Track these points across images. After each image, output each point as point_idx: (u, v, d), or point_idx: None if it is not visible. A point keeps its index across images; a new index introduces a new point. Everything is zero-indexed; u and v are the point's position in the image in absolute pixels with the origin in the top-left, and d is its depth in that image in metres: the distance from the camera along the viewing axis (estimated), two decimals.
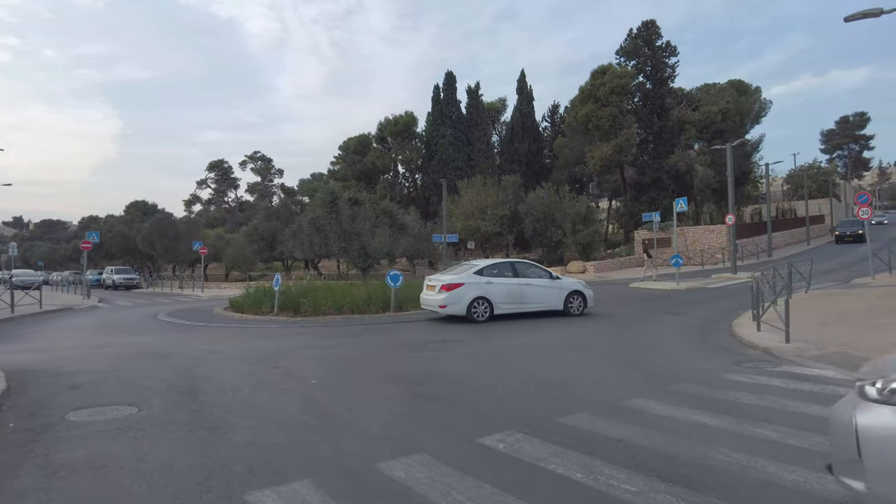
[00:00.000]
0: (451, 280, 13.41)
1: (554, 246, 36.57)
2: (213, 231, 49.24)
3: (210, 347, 10.33)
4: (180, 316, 17.21)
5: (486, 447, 4.51)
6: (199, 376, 7.55)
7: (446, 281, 13.42)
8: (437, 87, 51.16)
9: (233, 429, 5.03)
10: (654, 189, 43.61)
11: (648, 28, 43.79)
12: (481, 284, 13.31)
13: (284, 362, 8.59)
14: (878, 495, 2.67)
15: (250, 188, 73.32)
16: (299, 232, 39.30)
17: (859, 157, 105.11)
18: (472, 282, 13.29)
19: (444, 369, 7.86)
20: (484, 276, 13.49)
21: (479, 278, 13.41)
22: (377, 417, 5.40)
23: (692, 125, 43.03)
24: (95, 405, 5.96)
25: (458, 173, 46.30)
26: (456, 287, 13.17)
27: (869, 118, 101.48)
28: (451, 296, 13.10)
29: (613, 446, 4.50)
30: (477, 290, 13.22)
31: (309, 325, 14.12)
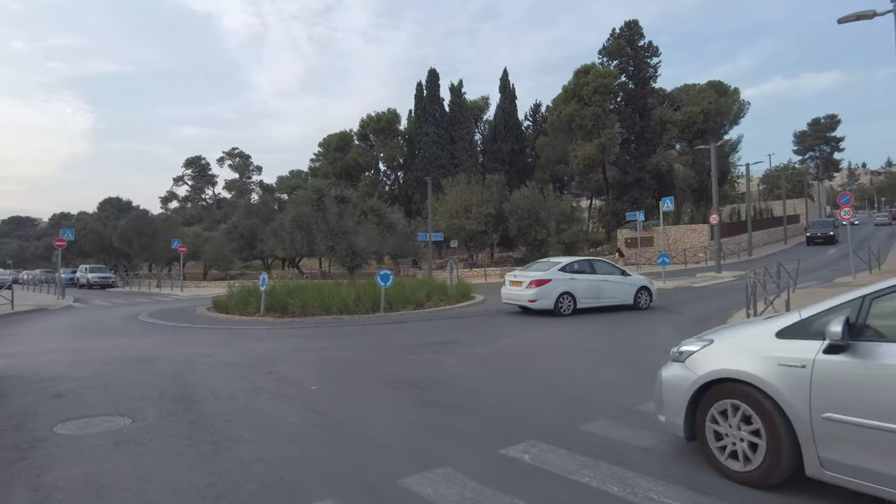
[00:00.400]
0: (539, 276, 13.98)
1: (538, 245, 36.56)
2: (191, 229, 48.10)
3: (198, 351, 9.92)
4: (162, 317, 16.64)
5: (512, 459, 4.30)
6: (191, 383, 7.19)
7: (535, 277, 13.99)
8: (419, 85, 50.81)
9: (237, 442, 4.72)
10: (637, 188, 43.96)
11: (631, 28, 44.09)
12: (566, 280, 13.93)
13: (279, 366, 8.26)
14: (668, 422, 4.33)
15: (228, 185, 72.05)
16: (280, 230, 38.60)
17: (830, 158, 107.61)
18: (558, 278, 13.93)
19: (447, 373, 7.63)
20: (567, 273, 14.13)
21: (564, 275, 14.06)
22: (389, 427, 5.14)
23: (674, 125, 43.50)
24: (85, 416, 5.58)
25: (441, 171, 46.03)
26: (545, 283, 13.78)
27: (839, 120, 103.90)
28: (541, 291, 13.72)
29: (642, 455, 4.33)
30: (563, 285, 13.85)
31: (298, 326, 13.75)
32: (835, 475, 3.38)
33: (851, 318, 3.47)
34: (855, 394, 3.30)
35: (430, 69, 51.05)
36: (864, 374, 3.29)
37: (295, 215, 37.96)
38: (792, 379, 3.57)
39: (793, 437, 3.55)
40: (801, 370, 3.53)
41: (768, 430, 3.64)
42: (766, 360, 3.74)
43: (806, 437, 3.48)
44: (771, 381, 3.64)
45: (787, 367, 3.61)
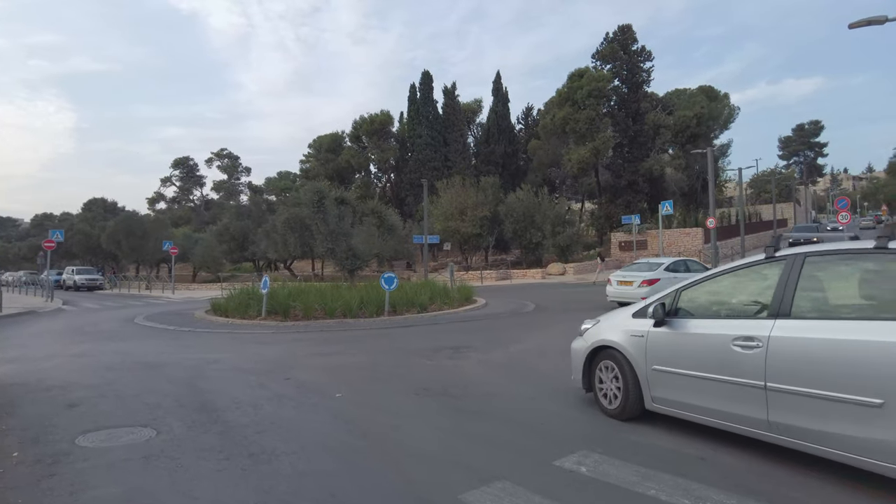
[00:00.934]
0: (650, 276, 15.32)
1: (533, 248, 36.58)
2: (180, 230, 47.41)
3: (205, 356, 9.63)
4: (160, 320, 16.24)
5: (568, 471, 4.12)
6: (207, 390, 6.92)
7: (646, 277, 15.29)
8: (413, 87, 50.64)
9: (275, 455, 4.49)
10: (630, 192, 44.17)
11: (624, 32, 44.34)
12: (671, 279, 14.63)
13: (294, 373, 8.01)
14: (574, 380, 5.96)
15: (217, 186, 71.18)
16: (273, 232, 38.18)
17: (814, 163, 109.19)
18: (664, 277, 15.08)
19: (471, 379, 7.44)
20: (670, 272, 15.40)
21: (669, 274, 15.27)
22: (428, 437, 4.94)
23: (667, 129, 43.77)
24: (105, 427, 5.31)
25: (435, 174, 45.85)
26: (655, 282, 14.89)
27: (823, 126, 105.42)
28: (652, 289, 14.47)
29: (699, 465, 4.18)
30: (669, 284, 14.12)
31: (302, 329, 13.48)
32: (660, 407, 5.02)
33: (667, 304, 5.06)
34: (668, 352, 4.89)
35: (424, 71, 50.96)
36: (674, 340, 4.89)
37: (288, 217, 37.60)
38: (637, 344, 5.18)
39: (637, 383, 5.16)
40: (641, 338, 5.15)
41: (624, 379, 5.26)
42: (624, 333, 5.37)
43: (644, 383, 5.11)
44: (626, 346, 5.28)
45: (635, 336, 5.23)
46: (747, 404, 4.23)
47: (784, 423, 4.00)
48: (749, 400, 4.21)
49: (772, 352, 4.08)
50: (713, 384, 4.49)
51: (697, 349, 4.67)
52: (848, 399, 3.64)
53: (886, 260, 3.88)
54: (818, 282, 4.19)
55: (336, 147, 56.15)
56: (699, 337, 4.68)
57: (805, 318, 4.03)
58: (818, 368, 3.81)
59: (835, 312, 4.03)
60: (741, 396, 4.27)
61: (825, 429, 3.77)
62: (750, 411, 4.21)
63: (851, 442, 3.63)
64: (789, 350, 4.00)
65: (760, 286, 4.54)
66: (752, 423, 4.24)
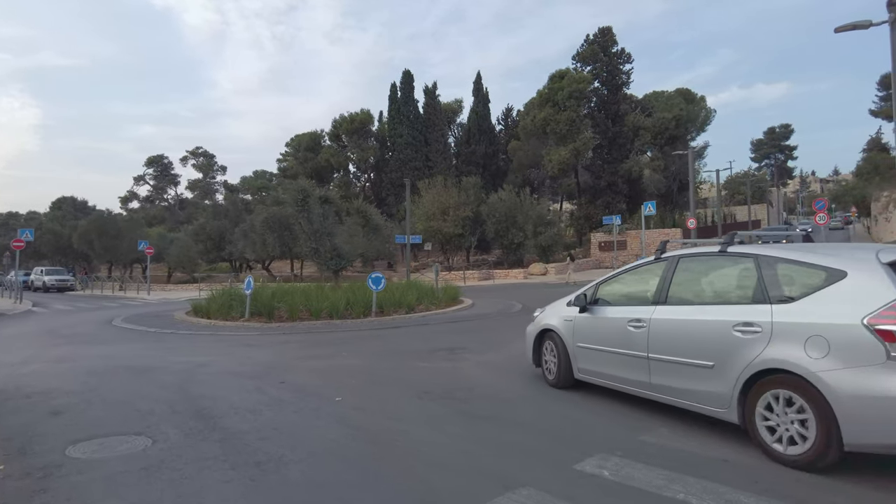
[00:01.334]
0: None
1: (515, 248, 36.65)
2: (155, 230, 46.28)
3: (193, 359, 9.30)
4: (139, 322, 15.72)
5: (591, 475, 4.00)
6: (200, 395, 6.64)
7: None
8: (394, 86, 50.34)
9: (283, 463, 4.28)
10: (609, 193, 44.58)
11: (604, 35, 44.73)
12: None
13: (289, 376, 7.76)
14: (526, 356, 7.24)
15: (192, 185, 69.77)
16: (251, 232, 37.51)
17: (784, 165, 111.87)
18: None
19: (471, 381, 7.29)
20: None
21: None
22: (441, 442, 4.78)
23: (647, 131, 44.30)
24: (96, 436, 5.01)
25: (416, 174, 45.62)
26: None
27: (793, 130, 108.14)
28: None
29: (722, 467, 4.11)
30: None
31: (289, 331, 13.17)
32: (583, 376, 6.27)
33: (588, 294, 6.28)
34: (587, 332, 6.13)
35: (405, 70, 50.73)
36: (591, 322, 6.11)
37: (267, 216, 36.96)
38: (568, 327, 6.42)
39: (567, 358, 6.41)
40: (570, 322, 6.38)
41: (558, 355, 6.54)
42: (560, 318, 6.59)
43: (573, 357, 6.34)
44: (560, 329, 6.53)
45: (567, 321, 6.45)
46: (638, 371, 5.43)
47: (659, 383, 5.21)
48: (639, 367, 5.41)
49: (652, 330, 5.28)
50: (616, 356, 5.71)
51: (606, 329, 5.91)
52: (694, 363, 4.82)
53: (723, 259, 5.09)
54: (686, 277, 5.32)
55: (315, 146, 55.51)
56: (607, 320, 5.92)
57: (675, 305, 5.20)
58: (678, 342, 5.01)
59: (691, 300, 5.17)
60: (634, 365, 5.48)
61: (682, 386, 4.95)
62: (639, 376, 5.42)
63: (696, 394, 4.82)
64: (663, 329, 5.19)
65: (651, 280, 5.65)
66: (641, 385, 5.44)
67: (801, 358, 4.06)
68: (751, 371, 4.35)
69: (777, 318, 4.30)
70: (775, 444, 4.21)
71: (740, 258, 4.91)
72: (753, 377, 4.35)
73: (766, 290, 4.53)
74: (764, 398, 4.30)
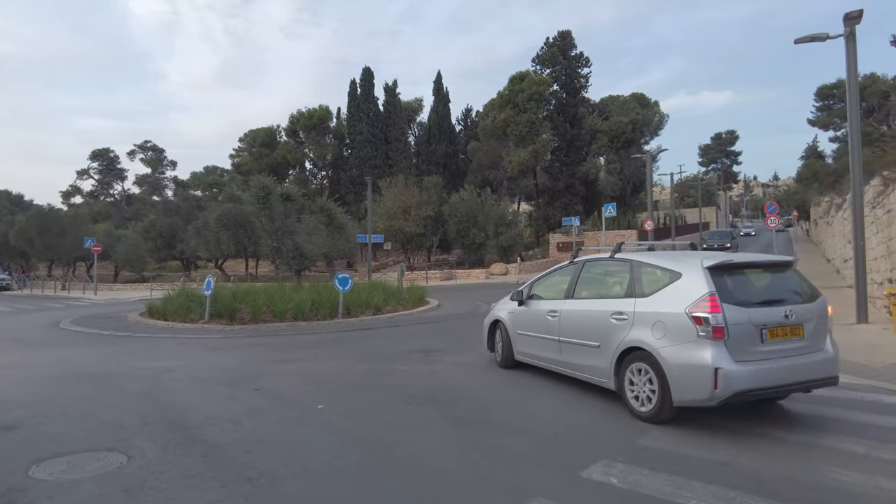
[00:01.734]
0: None
1: (476, 248, 36.74)
2: (101, 226, 43.91)
3: (155, 364, 8.78)
4: (89, 324, 14.80)
5: (599, 483, 3.94)
6: (171, 404, 6.25)
7: None
8: (353, 83, 49.60)
9: (277, 478, 4.02)
10: (567, 195, 45.36)
11: (564, 38, 45.45)
12: None
13: (263, 382, 7.42)
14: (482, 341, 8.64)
15: (139, 180, 66.73)
16: (204, 229, 36.18)
17: (729, 170, 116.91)
18: None
19: (455, 385, 7.15)
20: None
21: None
22: (440, 451, 4.62)
23: (604, 134, 45.26)
24: (61, 454, 4.59)
25: (376, 172, 45.09)
26: None
27: (738, 136, 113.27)
28: None
29: (727, 471, 4.12)
30: None
31: (253, 334, 12.69)
32: (521, 358, 7.61)
33: (525, 291, 7.62)
34: (522, 321, 7.48)
35: (365, 67, 50.10)
36: (525, 313, 7.44)
37: (221, 213, 35.73)
38: (510, 317, 7.79)
39: (510, 343, 7.76)
40: (512, 313, 7.73)
41: (503, 341, 7.92)
42: (505, 310, 7.95)
43: (514, 342, 7.69)
44: (505, 319, 7.88)
45: (510, 312, 7.80)
46: (554, 351, 6.82)
47: (566, 361, 6.60)
48: (554, 348, 6.80)
49: (562, 319, 6.66)
50: (540, 340, 7.10)
51: (534, 319, 7.24)
52: (587, 344, 6.17)
53: (612, 263, 6.42)
54: (588, 277, 6.70)
55: (271, 142, 54.11)
56: (535, 311, 7.27)
57: (579, 298, 6.58)
58: (578, 327, 6.38)
59: (589, 295, 6.50)
60: (551, 347, 6.86)
61: (580, 362, 6.32)
62: (554, 355, 6.82)
63: (590, 368, 6.16)
64: (569, 318, 6.56)
65: (566, 279, 6.95)
66: (556, 363, 6.84)
67: (649, 338, 5.35)
68: (621, 349, 5.65)
69: (637, 308, 5.61)
70: (635, 404, 5.45)
71: (622, 262, 6.21)
72: (623, 353, 5.65)
73: (633, 287, 5.84)
74: (629, 370, 5.57)
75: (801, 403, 5.97)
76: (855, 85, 11.65)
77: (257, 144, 53.76)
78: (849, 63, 11.58)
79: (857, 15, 11.18)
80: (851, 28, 11.44)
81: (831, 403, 6.01)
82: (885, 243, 11.72)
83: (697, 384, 4.92)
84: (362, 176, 46.18)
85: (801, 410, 5.72)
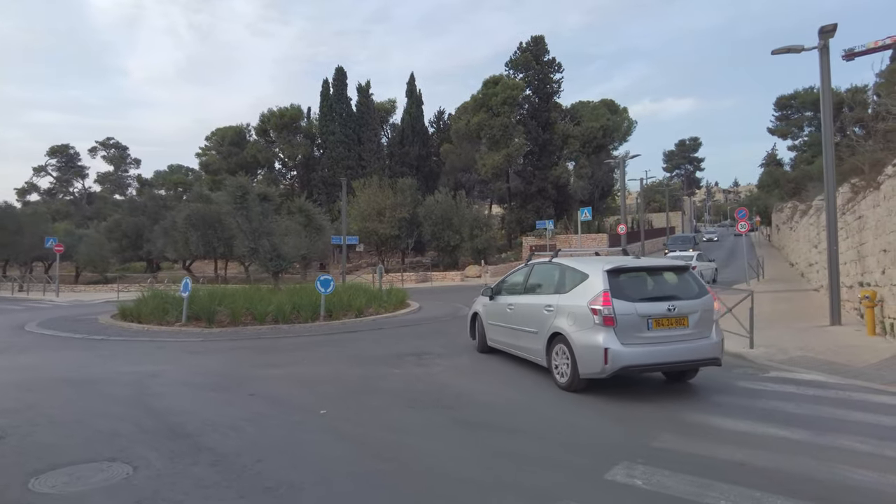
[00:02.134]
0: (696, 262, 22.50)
1: (451, 250, 36.73)
2: (61, 225, 42.17)
3: (139, 369, 8.45)
4: (59, 327, 14.15)
5: (625, 485, 3.94)
6: (165, 410, 6.00)
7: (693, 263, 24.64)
8: (326, 82, 48.98)
9: (297, 489, 3.88)
10: (540, 198, 45.76)
11: (537, 43, 45.91)
12: None
13: (256, 387, 7.22)
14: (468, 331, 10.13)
15: (101, 178, 64.39)
16: (173, 229, 35.15)
17: (692, 176, 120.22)
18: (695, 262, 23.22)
19: (455, 388, 7.09)
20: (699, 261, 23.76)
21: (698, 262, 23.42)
22: (459, 458, 4.55)
23: (575, 139, 45.83)
24: (59, 465, 4.35)
25: (349, 172, 44.62)
26: None
27: (701, 143, 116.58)
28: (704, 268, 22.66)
29: (745, 471, 4.19)
30: None
31: (235, 337, 12.35)
32: (491, 344, 9.04)
33: (494, 288, 9.14)
34: (492, 313, 8.95)
35: (338, 67, 49.52)
36: (494, 306, 8.88)
37: (190, 213, 34.78)
38: (484, 310, 9.24)
39: (483, 332, 9.25)
40: (485, 306, 9.21)
41: (479, 330, 9.38)
42: (481, 304, 9.43)
43: (486, 331, 9.14)
44: (481, 312, 9.35)
45: (484, 305, 9.27)
46: (510, 337, 8.36)
47: (518, 345, 8.13)
48: (511, 335, 8.33)
49: (515, 311, 8.20)
50: (502, 328, 8.66)
51: (499, 311, 8.78)
52: (528, 330, 7.71)
53: (550, 266, 7.94)
54: (535, 276, 8.24)
55: (240, 140, 53.01)
56: (499, 304, 8.78)
57: (528, 294, 8.13)
58: (525, 317, 7.87)
59: (534, 291, 8.04)
60: (509, 334, 8.41)
61: (527, 346, 7.83)
62: (511, 340, 8.36)
63: (532, 350, 7.64)
64: (520, 309, 8.07)
65: (521, 279, 8.51)
66: (513, 347, 8.34)
67: (565, 325, 6.82)
68: (549, 333, 7.10)
69: (559, 302, 7.12)
70: (558, 377, 6.92)
71: (555, 265, 7.77)
72: (550, 337, 7.09)
73: (560, 285, 7.35)
74: (554, 351, 7.03)
75: (797, 404, 6.13)
76: (829, 94, 12.10)
77: (226, 143, 52.57)
78: (823, 73, 12.01)
79: (832, 28, 11.61)
80: (825, 41, 11.87)
81: (823, 403, 6.20)
82: (855, 248, 12.18)
83: (594, 361, 6.32)
84: (335, 176, 45.60)
85: (795, 411, 5.86)
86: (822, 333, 10.90)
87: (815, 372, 7.92)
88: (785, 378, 7.53)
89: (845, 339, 10.21)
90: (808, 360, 8.65)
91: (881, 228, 9.93)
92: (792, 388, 6.89)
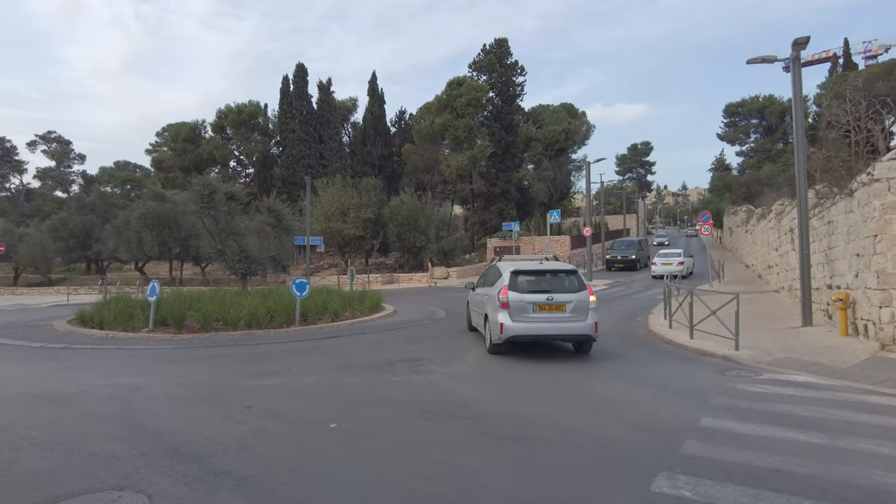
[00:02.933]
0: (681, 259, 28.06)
1: (416, 251, 36.42)
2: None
3: (117, 381, 7.86)
4: (9, 334, 13.09)
5: (674, 497, 3.87)
6: (160, 429, 5.56)
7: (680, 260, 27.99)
8: (286, 79, 47.72)
9: None
10: (503, 200, 46.06)
11: (501, 46, 46.19)
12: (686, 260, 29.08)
13: (250, 399, 6.82)
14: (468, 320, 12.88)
15: (41, 174, 60.73)
16: (125, 229, 33.51)
17: (644, 179, 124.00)
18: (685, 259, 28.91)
19: (462, 397, 6.91)
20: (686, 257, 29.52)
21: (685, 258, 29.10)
22: (497, 473, 4.36)
23: (538, 142, 46.35)
24: (61, 496, 3.91)
25: (310, 171, 43.55)
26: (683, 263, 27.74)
27: (652, 147, 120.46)
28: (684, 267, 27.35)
29: (782, 478, 4.20)
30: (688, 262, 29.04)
31: (210, 344, 11.75)
32: (475, 329, 12.00)
33: (475, 282, 12.07)
34: (473, 302, 11.90)
35: (298, 63, 48.45)
36: (474, 297, 11.72)
37: (144, 213, 33.24)
38: (472, 299, 12.04)
39: (469, 318, 12.47)
40: (469, 297, 12.32)
41: (468, 317, 12.64)
42: (469, 297, 12.32)
43: (470, 316, 12.30)
44: (469, 302, 12.34)
45: (469, 296, 12.32)
46: (480, 319, 10.79)
47: (480, 324, 10.82)
48: (477, 317, 11.21)
49: (478, 298, 11.08)
50: (475, 313, 11.47)
51: (476, 300, 11.33)
52: (482, 313, 10.50)
53: (493, 266, 10.98)
54: (488, 274, 10.89)
55: (195, 137, 51.07)
56: (477, 295, 11.25)
57: (485, 286, 10.63)
58: (481, 304, 10.59)
59: (485, 284, 10.81)
60: (480, 317, 10.74)
61: (479, 322, 10.93)
62: (480, 322, 10.84)
63: (480, 326, 10.85)
64: (481, 298, 10.73)
65: (493, 274, 10.43)
66: (479, 326, 10.89)
67: (489, 308, 9.85)
68: (484, 314, 10.22)
69: (490, 292, 9.97)
70: (487, 344, 9.84)
71: (494, 267, 10.78)
72: (485, 317, 10.08)
73: (492, 281, 10.18)
74: (486, 325, 9.99)
75: (804, 407, 6.26)
76: (800, 102, 12.56)
77: (180, 140, 50.53)
78: (794, 82, 12.46)
79: (805, 41, 12.04)
80: (797, 52, 12.30)
81: (826, 405, 6.35)
82: (823, 251, 12.68)
83: (496, 332, 9.29)
84: (295, 175, 44.50)
85: (804, 414, 5.98)
86: (797, 334, 11.28)
87: (805, 373, 8.15)
88: (780, 380, 7.71)
89: (821, 339, 10.59)
90: (794, 362, 8.90)
91: (854, 234, 10.34)
92: (791, 391, 7.05)
